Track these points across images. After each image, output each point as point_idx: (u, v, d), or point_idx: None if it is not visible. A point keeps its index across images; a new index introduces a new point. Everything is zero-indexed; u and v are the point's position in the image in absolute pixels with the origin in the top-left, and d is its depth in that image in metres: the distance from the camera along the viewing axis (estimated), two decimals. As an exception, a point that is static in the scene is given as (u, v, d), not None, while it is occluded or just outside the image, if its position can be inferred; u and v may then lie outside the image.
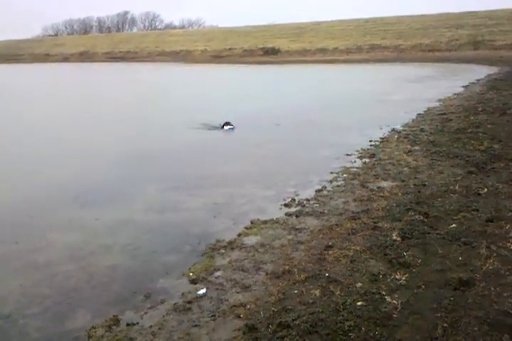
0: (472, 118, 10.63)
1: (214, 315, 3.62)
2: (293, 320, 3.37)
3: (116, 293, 4.10)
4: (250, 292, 3.91)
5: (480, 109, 11.69)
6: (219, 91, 22.31)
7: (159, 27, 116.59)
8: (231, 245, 4.89)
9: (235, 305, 3.71)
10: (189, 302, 3.85)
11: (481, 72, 23.60)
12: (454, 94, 15.97)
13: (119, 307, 3.86)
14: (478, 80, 19.79)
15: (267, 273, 4.19)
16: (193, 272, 4.36)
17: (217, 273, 4.30)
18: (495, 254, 3.96)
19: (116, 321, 3.65)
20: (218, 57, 55.65)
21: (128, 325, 3.59)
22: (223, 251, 4.77)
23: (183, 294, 3.98)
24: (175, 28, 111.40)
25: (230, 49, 60.18)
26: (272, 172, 7.76)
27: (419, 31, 50.96)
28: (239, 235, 5.14)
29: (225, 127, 11.79)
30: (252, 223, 5.45)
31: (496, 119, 10.15)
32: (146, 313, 3.75)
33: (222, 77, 32.49)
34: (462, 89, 17.35)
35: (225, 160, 8.64)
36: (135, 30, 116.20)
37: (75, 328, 3.60)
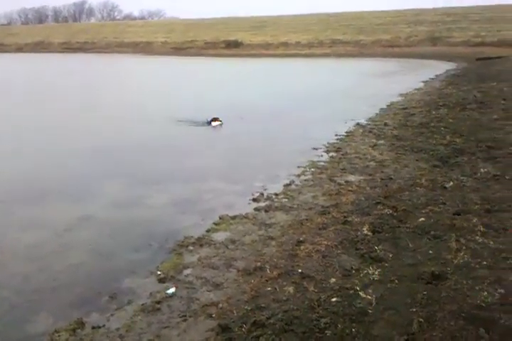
0: (434, 112, 10.84)
1: (185, 316, 3.50)
2: (267, 318, 3.29)
3: (80, 294, 3.91)
4: (222, 290, 3.80)
5: (441, 104, 11.94)
6: (181, 84, 21.92)
7: (118, 17, 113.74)
8: (200, 241, 4.76)
9: (206, 305, 3.60)
10: (158, 302, 3.71)
11: (439, 67, 24.17)
12: (415, 89, 16.28)
13: (84, 309, 3.68)
14: (437, 76, 20.25)
15: (238, 270, 4.09)
16: (161, 270, 4.21)
17: (187, 271, 4.17)
18: (464, 247, 4.00)
19: (81, 324, 3.47)
20: (179, 49, 54.71)
21: (93, 327, 3.42)
22: (192, 248, 4.64)
23: (151, 294, 3.84)
24: (134, 19, 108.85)
25: (191, 41, 59.24)
26: (239, 166, 7.67)
27: (379, 27, 51.77)
28: (208, 231, 5.01)
29: (213, 123, 11.00)
30: (220, 218, 5.33)
31: (456, 114, 10.38)
32: (112, 315, 3.59)
33: (183, 70, 31.96)
34: (422, 84, 17.71)
35: (191, 155, 8.46)
36: (93, 20, 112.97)
37: (37, 333, 3.41)
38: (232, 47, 51.97)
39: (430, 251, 4.03)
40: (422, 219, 4.74)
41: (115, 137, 10.15)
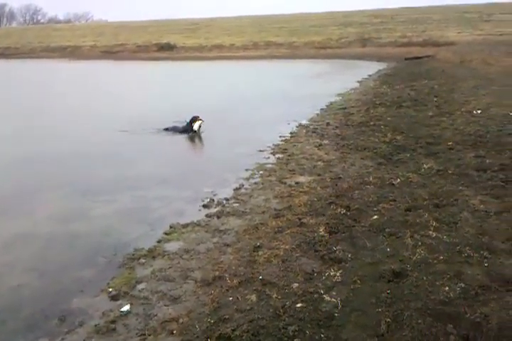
0: (372, 111, 11.11)
1: (143, 334, 3.27)
2: (233, 330, 3.14)
3: (25, 318, 3.57)
4: (181, 304, 3.61)
5: (378, 103, 12.28)
6: (117, 88, 21.22)
7: (42, 21, 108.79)
8: (152, 253, 4.52)
9: (165, 321, 3.39)
10: (112, 321, 3.45)
11: (371, 67, 24.94)
12: (351, 88, 16.67)
13: (31, 335, 3.36)
14: (370, 75, 20.88)
15: (196, 282, 3.91)
16: (112, 287, 3.94)
17: (141, 286, 3.93)
18: (420, 243, 4.05)
19: (29, 353, 3.16)
20: (110, 53, 53.02)
21: (43, 356, 3.12)
22: (144, 260, 4.39)
23: (104, 313, 3.57)
24: (59, 22, 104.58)
25: (121, 44, 57.65)
26: (186, 172, 7.45)
27: (311, 29, 52.93)
28: (159, 242, 4.78)
29: (195, 125, 10.10)
30: (171, 227, 5.11)
31: (393, 112, 10.70)
32: (63, 339, 3.30)
33: (115, 74, 31.03)
34: (357, 84, 18.18)
35: (136, 162, 8.12)
36: (14, 24, 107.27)
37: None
38: (166, 50, 51.12)
39: (388, 249, 4.05)
40: (376, 217, 4.77)
41: (52, 145, 9.57)
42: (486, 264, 3.62)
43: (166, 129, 10.53)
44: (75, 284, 4.04)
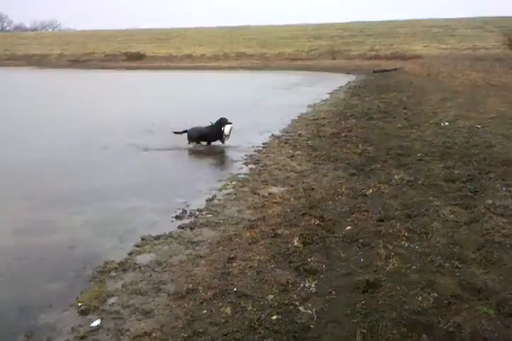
0: (343, 123, 11.27)
1: (115, 350, 3.17)
2: (207, 345, 3.08)
3: (-11, 336, 3.41)
4: (153, 318, 3.51)
5: (348, 114, 12.46)
6: (78, 98, 20.89)
7: (8, 29, 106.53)
8: (122, 266, 4.40)
9: (138, 335, 3.29)
10: (82, 337, 3.33)
11: (341, 79, 25.39)
12: (322, 100, 16.88)
13: (-5, 354, 3.21)
14: (340, 87, 21.24)
15: (168, 295, 3.82)
16: (81, 301, 3.81)
17: (112, 300, 3.82)
18: (393, 253, 4.09)
19: (-7, 373, 3.01)
20: (78, 62, 52.32)
21: (9, 375, 2.98)
22: (114, 273, 4.27)
23: (73, 329, 3.44)
24: (26, 30, 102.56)
25: (90, 53, 57.05)
26: (157, 182, 7.34)
27: (282, 40, 53.65)
28: (130, 254, 4.66)
29: (226, 128, 9.17)
30: (142, 239, 5.00)
31: (364, 123, 10.88)
32: (30, 357, 3.16)
33: (81, 84, 30.61)
34: (328, 95, 18.44)
35: (105, 172, 7.97)
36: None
37: None
38: (135, 60, 50.86)
39: (362, 259, 4.07)
40: (349, 227, 4.80)
41: (13, 152, 9.30)
42: (457, 274, 3.68)
43: (183, 132, 9.60)
44: (42, 299, 3.89)
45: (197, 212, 5.76)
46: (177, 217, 5.65)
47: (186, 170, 8.05)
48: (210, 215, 5.64)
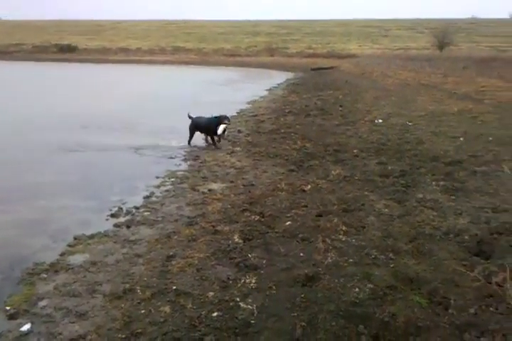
0: (282, 119, 11.39)
1: (46, 356, 3.01)
2: (145, 345, 2.99)
3: None
4: (88, 320, 3.37)
5: (287, 111, 12.62)
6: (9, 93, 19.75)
7: None
8: (54, 267, 4.18)
9: (71, 339, 3.14)
10: (11, 343, 3.13)
11: (279, 76, 25.70)
12: (261, 96, 17.01)
13: None
14: (278, 84, 21.49)
15: (104, 295, 3.67)
16: (10, 305, 3.59)
17: (43, 303, 3.62)
18: (331, 247, 4.17)
19: None
20: (4, 53, 49.42)
21: None
22: (45, 275, 4.06)
23: (1, 334, 3.23)
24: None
25: (17, 44, 54.05)
26: (91, 180, 7.05)
27: (220, 36, 53.48)
28: (62, 255, 4.44)
29: (220, 128, 8.71)
30: (76, 239, 4.79)
31: (302, 120, 11.05)
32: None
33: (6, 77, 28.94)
34: (266, 92, 18.60)
35: (35, 170, 7.53)
36: None
37: None
38: (66, 52, 48.77)
39: (301, 254, 4.12)
40: (289, 222, 4.84)
41: None
42: (391, 265, 3.81)
43: (190, 118, 9.36)
44: (-35, 304, 3.62)
45: (134, 210, 5.59)
46: (112, 215, 5.45)
47: (121, 167, 7.77)
48: (148, 213, 5.50)
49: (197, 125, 9.18)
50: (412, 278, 3.58)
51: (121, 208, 5.68)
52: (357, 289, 3.45)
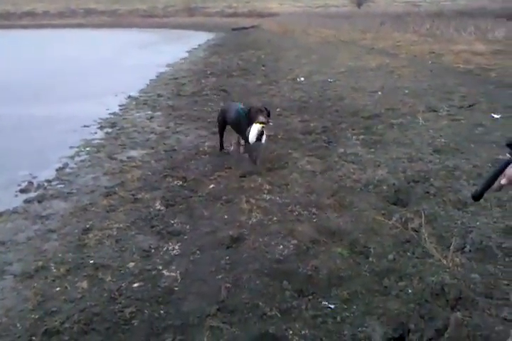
0: (203, 81, 11.05)
1: (-51, 349, 2.74)
2: (61, 323, 2.79)
3: None
4: (-4, 303, 3.10)
5: (209, 73, 12.27)
6: None
7: None
8: (-43, 250, 3.82)
9: (-21, 326, 2.88)
10: None
11: (199, 37, 24.89)
12: (181, 58, 16.40)
13: None
14: (199, 45, 20.81)
15: (15, 276, 3.39)
16: None
17: None
18: (255, 207, 4.11)
19: None
20: None
21: None
22: None
23: None
24: None
25: None
26: (-4, 153, 6.47)
27: (135, -3, 50.66)
28: (-34, 236, 4.06)
29: (252, 129, 4.84)
30: (-19, 218, 4.39)
31: (225, 81, 10.79)
32: None
33: None
34: (187, 54, 17.95)
35: None
36: None
37: None
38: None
39: (225, 216, 4.03)
40: (213, 185, 4.72)
41: None
42: (314, 220, 3.83)
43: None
44: None
45: (45, 184, 5.19)
46: (22, 191, 5.04)
47: (30, 138, 7.19)
48: (62, 185, 5.13)
49: (225, 116, 5.67)
50: (334, 231, 3.62)
51: (32, 182, 5.25)
52: (281, 246, 3.43)
